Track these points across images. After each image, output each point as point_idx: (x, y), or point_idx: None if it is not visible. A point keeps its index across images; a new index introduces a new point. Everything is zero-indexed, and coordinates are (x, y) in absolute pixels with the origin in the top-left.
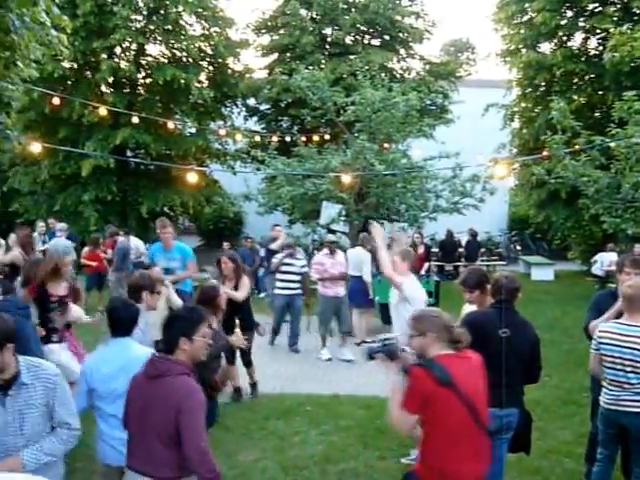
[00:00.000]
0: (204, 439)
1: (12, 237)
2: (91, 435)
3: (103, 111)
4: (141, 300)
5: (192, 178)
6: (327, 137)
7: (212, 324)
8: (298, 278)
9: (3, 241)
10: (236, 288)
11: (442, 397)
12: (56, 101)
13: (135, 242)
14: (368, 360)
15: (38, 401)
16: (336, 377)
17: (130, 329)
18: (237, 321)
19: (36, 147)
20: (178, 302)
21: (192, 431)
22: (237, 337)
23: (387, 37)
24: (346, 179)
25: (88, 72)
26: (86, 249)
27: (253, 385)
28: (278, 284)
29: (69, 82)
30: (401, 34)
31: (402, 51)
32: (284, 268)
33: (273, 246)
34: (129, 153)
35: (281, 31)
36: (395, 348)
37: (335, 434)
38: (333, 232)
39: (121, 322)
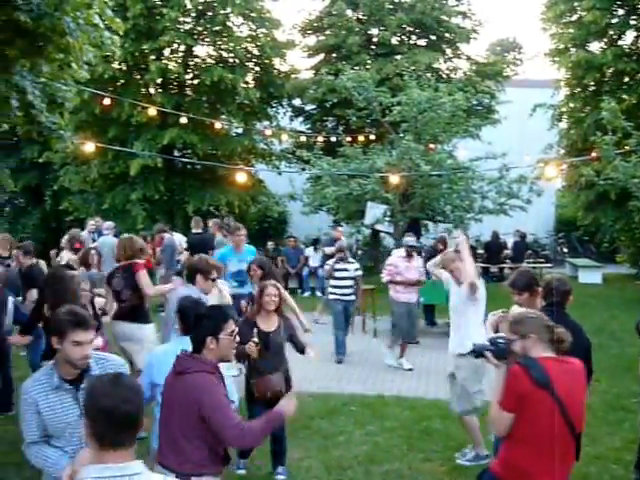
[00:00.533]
0: (236, 422)
1: (65, 238)
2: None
3: (152, 111)
4: (195, 283)
5: (240, 178)
6: (372, 137)
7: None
8: (352, 283)
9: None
10: None
11: (537, 397)
12: (107, 102)
13: (179, 238)
14: (474, 357)
15: None
16: (380, 378)
17: None
18: (255, 330)
19: (89, 147)
20: (227, 299)
21: (223, 421)
22: (250, 347)
23: (433, 37)
24: (393, 179)
25: (137, 73)
26: None
27: None
28: (332, 290)
29: (119, 83)
30: (448, 34)
31: (448, 51)
32: (338, 274)
33: (328, 250)
34: (176, 153)
35: (327, 32)
36: (505, 348)
37: (380, 435)
38: (377, 232)
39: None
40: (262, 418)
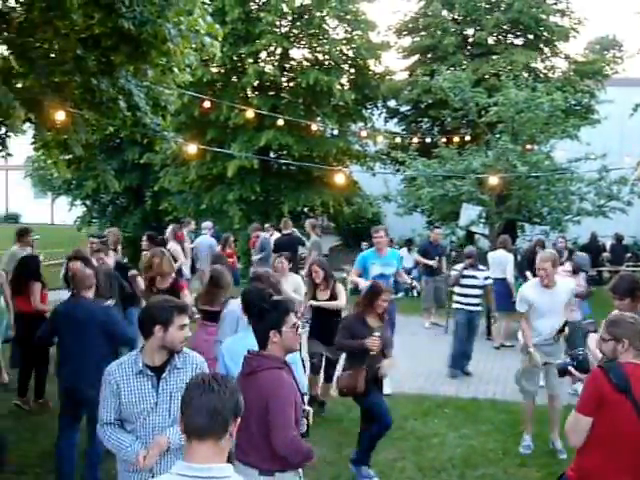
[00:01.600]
0: (290, 430)
1: (169, 231)
2: None
3: (250, 114)
4: None
5: (339, 179)
6: (468, 138)
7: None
8: (480, 292)
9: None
10: (332, 297)
11: (616, 403)
12: (207, 104)
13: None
14: (561, 377)
15: None
16: (475, 380)
17: None
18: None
19: (192, 148)
20: (298, 297)
21: (279, 422)
22: (373, 342)
23: (531, 36)
24: (492, 181)
25: (234, 76)
26: (218, 247)
27: (322, 403)
28: (457, 298)
29: (217, 86)
30: (546, 33)
31: (546, 50)
32: (465, 281)
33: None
34: (272, 154)
35: (422, 33)
36: (587, 361)
37: (474, 438)
38: (472, 234)
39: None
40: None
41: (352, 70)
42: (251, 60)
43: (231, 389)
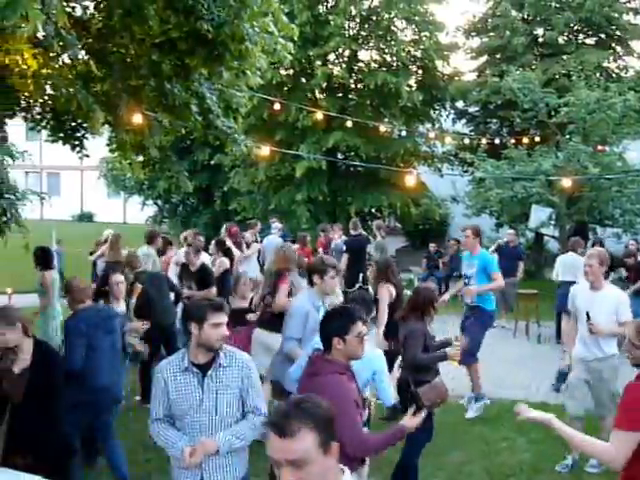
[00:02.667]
0: (357, 431)
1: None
2: None
3: (319, 115)
4: (313, 284)
5: (409, 181)
6: (537, 139)
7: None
8: None
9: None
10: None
11: None
12: (277, 107)
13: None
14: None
15: (233, 383)
16: (545, 385)
17: None
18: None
19: (264, 150)
20: (337, 300)
21: (343, 426)
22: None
23: (603, 35)
24: (565, 183)
25: (303, 78)
26: (295, 246)
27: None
28: None
29: (286, 88)
30: (618, 32)
31: (619, 49)
32: None
33: None
34: (340, 155)
35: (491, 33)
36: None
37: (544, 443)
38: (541, 236)
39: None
40: (388, 432)
41: (420, 71)
42: (320, 62)
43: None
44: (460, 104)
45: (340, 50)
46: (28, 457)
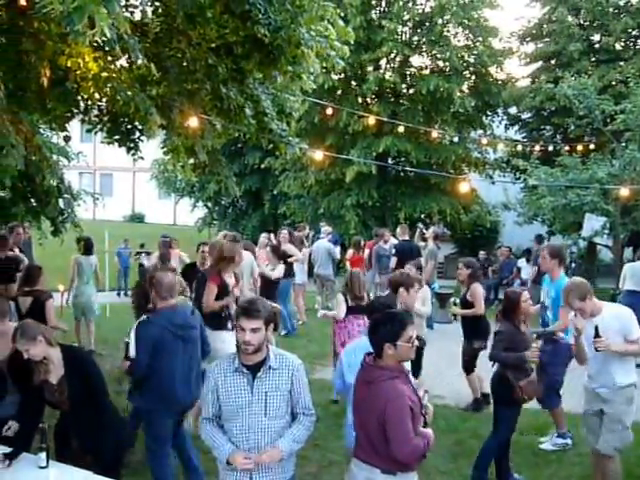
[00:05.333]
0: (409, 439)
1: (283, 233)
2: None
3: (371, 120)
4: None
5: (459, 187)
6: (592, 146)
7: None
8: None
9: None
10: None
11: None
12: (329, 111)
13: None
14: None
15: (283, 386)
16: None
17: None
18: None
19: (317, 154)
20: (426, 309)
21: (397, 433)
22: (533, 353)
23: None
24: (623, 192)
25: (354, 83)
26: (350, 251)
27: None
28: None
29: (337, 93)
30: None
31: None
32: None
33: None
34: (390, 160)
35: (546, 39)
36: None
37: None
38: (594, 245)
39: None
40: (424, 439)
41: (473, 77)
42: (371, 67)
43: None
44: (513, 110)
45: (392, 55)
46: (86, 458)
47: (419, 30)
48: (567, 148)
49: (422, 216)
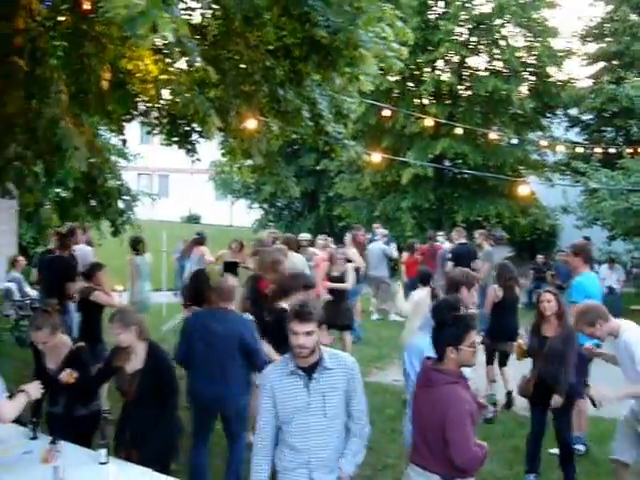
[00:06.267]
0: (470, 446)
1: (347, 236)
2: (402, 433)
3: (429, 122)
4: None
5: (517, 190)
6: None
7: None
8: None
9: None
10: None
11: None
12: (386, 113)
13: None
14: None
15: (339, 385)
16: None
17: None
18: None
19: (375, 157)
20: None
21: (457, 439)
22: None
23: None
24: None
25: (411, 85)
26: (405, 254)
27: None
28: None
29: (394, 95)
30: None
31: None
32: None
33: None
34: (447, 162)
35: (609, 38)
36: None
37: None
38: None
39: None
40: (479, 446)
41: (532, 78)
42: (428, 68)
43: None
44: (573, 111)
45: (449, 56)
46: (133, 453)
47: (477, 31)
48: (629, 151)
49: (479, 219)
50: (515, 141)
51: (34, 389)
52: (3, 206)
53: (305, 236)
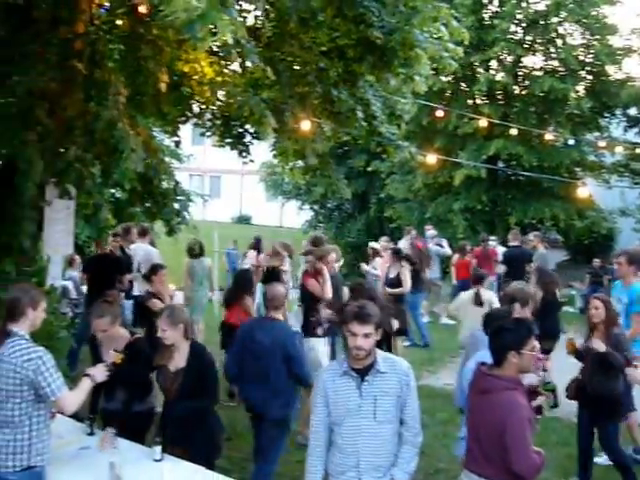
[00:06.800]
0: (530, 453)
1: (403, 242)
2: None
3: (483, 122)
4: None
5: (574, 192)
6: None
7: None
8: None
9: None
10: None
11: None
12: (439, 114)
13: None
14: None
15: (392, 390)
16: None
17: None
18: None
19: (430, 157)
20: None
21: (517, 446)
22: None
23: None
24: None
25: (464, 85)
26: (456, 256)
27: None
28: None
29: (446, 95)
30: None
31: None
32: None
33: None
34: (500, 164)
35: None
36: None
37: None
38: None
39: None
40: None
41: (589, 77)
42: (482, 68)
43: None
44: (633, 111)
45: (504, 55)
46: (176, 451)
47: (532, 29)
48: None
49: (533, 222)
50: (571, 142)
51: (99, 372)
52: (61, 206)
53: (374, 244)
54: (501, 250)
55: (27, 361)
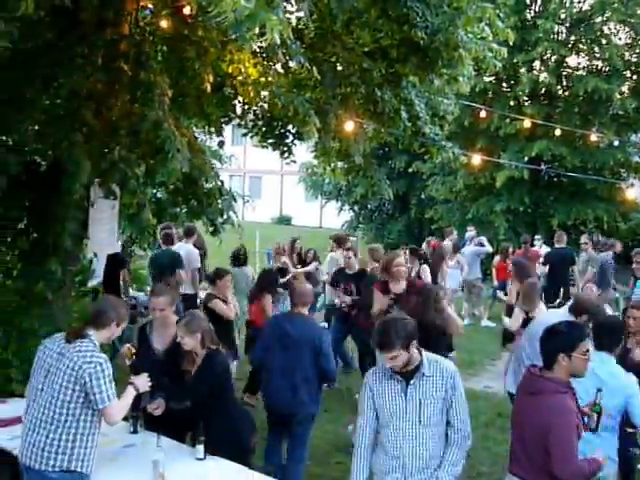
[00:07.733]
0: (574, 458)
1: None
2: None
3: (527, 123)
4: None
5: (630, 194)
6: None
7: None
8: None
9: None
10: None
11: None
12: (482, 114)
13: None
14: None
15: (437, 393)
16: None
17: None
18: None
19: (475, 158)
20: None
21: (562, 451)
22: None
23: None
24: None
25: (506, 85)
26: (497, 258)
27: None
28: None
29: (488, 95)
30: None
31: None
32: None
33: None
34: (543, 165)
35: None
36: None
37: None
38: None
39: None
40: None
41: (634, 77)
42: (525, 68)
43: None
44: None
45: (547, 55)
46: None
47: (576, 29)
48: None
49: (576, 223)
50: (616, 143)
51: (142, 382)
52: (106, 206)
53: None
54: (545, 251)
55: (87, 363)
